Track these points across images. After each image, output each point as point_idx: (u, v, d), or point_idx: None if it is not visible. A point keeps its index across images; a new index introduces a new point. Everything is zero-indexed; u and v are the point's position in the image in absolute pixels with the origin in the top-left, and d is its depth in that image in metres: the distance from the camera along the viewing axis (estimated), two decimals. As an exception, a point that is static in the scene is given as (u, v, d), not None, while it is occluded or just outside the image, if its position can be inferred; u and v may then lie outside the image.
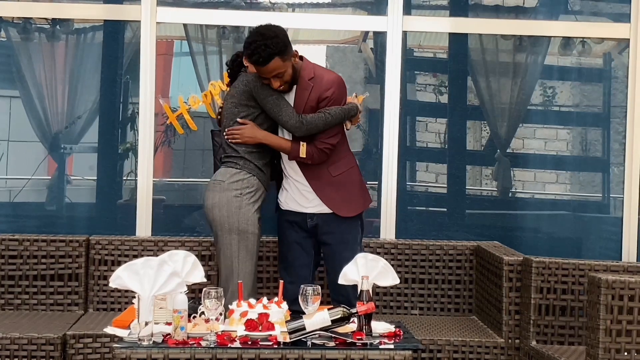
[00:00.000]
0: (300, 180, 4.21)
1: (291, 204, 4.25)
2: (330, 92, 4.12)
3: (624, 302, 3.52)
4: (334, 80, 4.17)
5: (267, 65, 3.96)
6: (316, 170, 4.18)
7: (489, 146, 5.47)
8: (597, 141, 5.54)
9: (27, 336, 4.17)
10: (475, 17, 5.39)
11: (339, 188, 4.21)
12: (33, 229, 5.05)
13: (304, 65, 4.15)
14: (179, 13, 5.14)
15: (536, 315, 4.22)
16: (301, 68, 4.14)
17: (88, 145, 5.31)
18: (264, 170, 4.17)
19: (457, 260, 4.92)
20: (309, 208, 4.22)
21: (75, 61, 5.26)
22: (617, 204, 5.33)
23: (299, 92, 4.13)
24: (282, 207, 4.29)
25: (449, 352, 4.35)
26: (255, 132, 4.13)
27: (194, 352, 3.21)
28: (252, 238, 4.08)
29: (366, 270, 3.62)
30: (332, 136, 4.16)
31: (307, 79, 4.13)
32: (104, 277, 4.71)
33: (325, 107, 4.12)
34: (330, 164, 4.20)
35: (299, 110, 4.11)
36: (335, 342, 3.32)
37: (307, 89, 4.12)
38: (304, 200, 4.22)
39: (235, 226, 4.06)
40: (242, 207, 4.08)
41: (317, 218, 4.21)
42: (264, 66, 3.96)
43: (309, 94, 4.12)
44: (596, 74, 5.55)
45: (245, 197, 4.09)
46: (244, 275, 4.00)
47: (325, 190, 4.19)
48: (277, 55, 3.97)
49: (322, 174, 4.20)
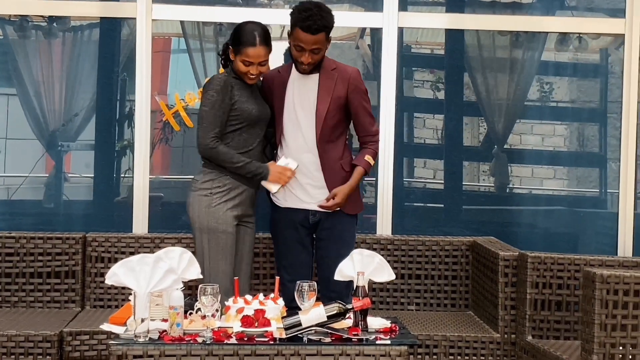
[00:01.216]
0: (306, 174, 4.14)
1: (291, 201, 4.19)
2: (361, 83, 4.17)
3: (619, 296, 3.53)
4: (357, 71, 4.21)
5: (315, 35, 3.95)
6: (332, 164, 4.14)
7: (486, 142, 5.47)
8: (593, 137, 5.55)
9: (24, 333, 4.17)
10: (471, 13, 5.39)
11: None
12: (30, 226, 5.05)
13: (325, 57, 4.15)
14: (175, 10, 5.14)
15: (532, 310, 4.23)
16: (324, 58, 4.13)
17: (85, 143, 5.32)
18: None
19: (454, 256, 4.93)
20: (312, 204, 4.17)
21: (72, 59, 5.26)
22: (614, 199, 5.34)
23: (323, 81, 4.11)
24: (280, 205, 4.23)
25: (445, 348, 4.36)
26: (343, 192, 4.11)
27: (190, 349, 3.21)
28: (224, 237, 4.05)
29: (362, 266, 3.62)
30: (375, 123, 4.28)
31: (330, 70, 4.13)
32: (100, 274, 4.72)
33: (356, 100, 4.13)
34: (342, 158, 4.19)
35: (325, 99, 4.09)
36: (331, 338, 3.33)
37: (331, 79, 4.11)
38: (306, 196, 4.17)
39: (205, 225, 4.06)
40: (212, 206, 4.06)
41: (319, 214, 4.17)
42: (313, 35, 3.95)
43: (334, 84, 4.10)
44: (593, 69, 5.55)
45: (215, 196, 4.07)
46: (216, 274, 3.95)
47: (338, 185, 4.14)
48: (325, 31, 3.99)
49: (336, 168, 4.17)
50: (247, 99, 4.09)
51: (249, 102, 4.09)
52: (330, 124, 4.11)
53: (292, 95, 4.15)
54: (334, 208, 4.12)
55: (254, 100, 4.13)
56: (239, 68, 4.04)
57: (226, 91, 4.05)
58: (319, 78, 4.12)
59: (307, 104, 4.12)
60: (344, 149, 4.21)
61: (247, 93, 4.11)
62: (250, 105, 4.09)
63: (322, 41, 3.99)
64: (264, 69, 4.08)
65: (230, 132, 4.10)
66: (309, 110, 4.12)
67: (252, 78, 4.07)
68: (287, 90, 4.15)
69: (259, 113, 4.12)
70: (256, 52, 4.01)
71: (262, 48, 4.02)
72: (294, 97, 4.14)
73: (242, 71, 4.04)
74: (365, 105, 4.20)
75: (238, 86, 4.09)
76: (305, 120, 4.12)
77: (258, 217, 4.30)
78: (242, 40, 4.03)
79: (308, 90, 4.12)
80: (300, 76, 4.13)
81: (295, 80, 4.15)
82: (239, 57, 4.04)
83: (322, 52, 4.04)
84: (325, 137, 4.12)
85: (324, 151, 4.12)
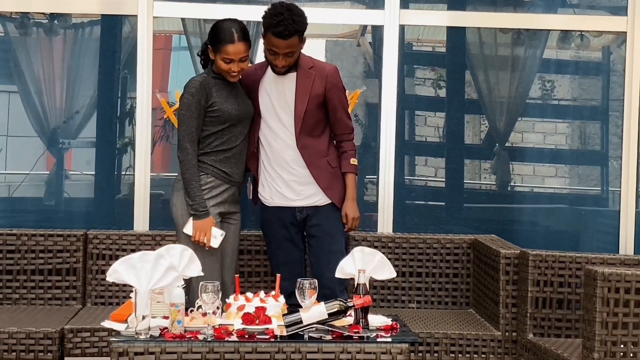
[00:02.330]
0: (290, 171, 4.14)
1: (277, 199, 4.19)
2: (339, 81, 4.18)
3: (620, 294, 3.53)
4: (335, 69, 4.21)
5: (288, 40, 3.95)
6: (318, 161, 4.15)
7: (488, 140, 5.47)
8: (595, 135, 5.54)
9: (25, 330, 4.17)
10: (473, 10, 5.38)
11: (337, 179, 4.20)
12: (31, 223, 5.05)
13: (302, 55, 4.15)
14: (176, 7, 5.13)
15: (533, 308, 4.22)
16: (300, 56, 4.13)
17: (86, 140, 5.32)
18: (221, 167, 4.11)
19: (455, 254, 4.92)
20: (297, 201, 4.17)
21: (73, 56, 5.26)
22: (615, 197, 5.33)
23: (301, 80, 4.10)
24: (267, 204, 4.23)
25: (446, 346, 4.36)
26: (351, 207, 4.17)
27: (191, 346, 3.22)
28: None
29: (363, 263, 3.62)
30: (350, 120, 4.28)
31: (307, 68, 4.12)
32: (101, 271, 4.72)
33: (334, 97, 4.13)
34: (328, 155, 4.20)
35: (303, 98, 4.08)
36: (332, 336, 3.33)
37: (309, 78, 4.10)
38: (292, 193, 4.17)
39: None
40: (206, 204, 4.06)
41: (306, 210, 4.18)
42: (286, 40, 3.95)
43: (312, 82, 4.10)
44: (594, 67, 5.55)
45: None
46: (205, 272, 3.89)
47: (326, 180, 4.16)
48: (298, 34, 3.98)
49: (323, 165, 4.17)
50: (226, 98, 4.08)
51: (229, 102, 4.08)
52: (310, 122, 4.12)
53: (270, 94, 4.14)
54: (356, 224, 4.20)
55: (234, 99, 4.12)
56: (220, 66, 4.03)
57: (202, 93, 4.04)
58: (297, 77, 4.12)
59: (285, 103, 4.12)
60: (328, 145, 4.22)
61: (227, 92, 4.10)
62: (229, 105, 4.07)
63: (295, 44, 3.99)
64: (245, 65, 4.06)
65: (213, 132, 4.09)
66: (288, 109, 4.12)
67: (234, 75, 4.05)
68: (265, 89, 4.15)
69: (239, 112, 4.10)
70: (235, 48, 3.99)
71: (241, 44, 4.00)
72: (272, 96, 4.14)
73: (224, 69, 4.03)
74: (343, 103, 4.21)
75: (217, 86, 4.08)
76: (285, 119, 4.13)
77: (257, 216, 4.30)
78: (220, 39, 4.02)
79: (286, 90, 4.12)
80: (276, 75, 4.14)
81: (272, 79, 4.14)
82: (218, 55, 4.02)
83: (296, 54, 4.04)
84: (305, 135, 4.12)
85: (304, 148, 4.12)
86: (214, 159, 4.10)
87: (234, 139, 4.12)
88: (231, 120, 4.09)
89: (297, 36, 3.98)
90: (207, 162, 4.10)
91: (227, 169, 4.12)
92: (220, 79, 4.09)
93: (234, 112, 4.08)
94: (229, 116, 4.07)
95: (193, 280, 3.76)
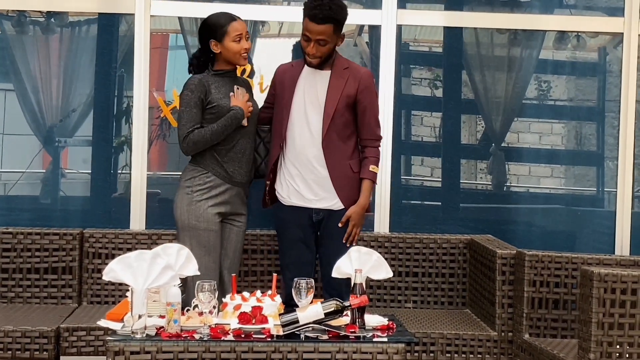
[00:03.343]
0: (311, 169, 4.13)
1: (294, 198, 4.18)
2: (373, 85, 4.20)
3: (616, 295, 3.54)
4: (370, 73, 4.25)
5: (320, 25, 3.96)
6: (340, 162, 4.14)
7: (484, 140, 5.47)
8: (591, 135, 5.55)
9: (20, 329, 4.17)
10: (470, 11, 5.39)
11: (355, 184, 4.18)
12: (27, 222, 5.04)
13: (339, 55, 4.16)
14: (173, 6, 5.13)
15: (529, 309, 4.23)
16: (337, 56, 4.14)
17: (82, 139, 5.31)
18: (221, 166, 4.11)
19: (451, 254, 4.93)
20: (315, 202, 4.15)
21: (70, 54, 5.25)
22: (611, 197, 5.34)
23: (334, 79, 4.11)
24: (284, 203, 4.21)
25: (442, 345, 4.36)
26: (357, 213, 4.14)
27: (187, 345, 3.21)
28: (205, 234, 4.05)
29: (360, 263, 3.62)
30: (379, 127, 4.25)
31: (342, 68, 4.13)
32: (97, 270, 4.71)
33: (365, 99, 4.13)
34: (351, 159, 4.19)
35: (334, 97, 4.08)
36: (328, 335, 3.33)
37: (343, 77, 4.11)
38: (310, 193, 4.15)
39: (185, 223, 4.08)
40: (192, 203, 4.07)
41: (323, 212, 4.16)
42: (318, 25, 3.96)
43: (345, 82, 4.10)
44: (591, 68, 5.55)
45: (196, 194, 4.08)
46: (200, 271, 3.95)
47: (343, 182, 4.15)
48: (333, 23, 3.99)
49: (344, 167, 4.16)
50: (225, 94, 4.09)
51: (227, 98, 4.09)
52: (339, 122, 4.11)
53: (302, 90, 4.14)
54: (357, 232, 4.16)
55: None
56: (232, 49, 4.06)
57: (201, 89, 4.06)
58: (330, 75, 4.12)
59: (316, 100, 4.12)
60: (353, 150, 4.20)
61: (226, 89, 4.11)
62: (228, 101, 4.09)
63: (328, 33, 3.99)
64: (249, 44, 4.12)
65: None
66: (318, 106, 4.11)
67: (245, 56, 4.09)
68: (300, 85, 4.15)
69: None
70: (240, 24, 4.07)
71: (241, 20, 4.09)
72: (304, 92, 4.14)
73: (236, 51, 4.06)
74: (374, 108, 4.20)
75: (216, 83, 4.10)
76: (313, 116, 4.12)
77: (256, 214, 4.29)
78: (221, 23, 4.07)
79: (318, 87, 4.12)
80: (312, 72, 4.13)
81: (306, 76, 4.14)
82: (227, 38, 4.05)
83: (328, 44, 4.02)
84: (332, 135, 4.10)
85: (329, 148, 4.11)
86: (214, 157, 4.10)
87: (233, 136, 4.12)
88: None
89: (331, 24, 3.98)
90: (207, 159, 4.10)
91: (228, 167, 4.12)
92: (220, 76, 4.10)
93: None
94: (227, 112, 4.07)
95: (189, 279, 3.75)
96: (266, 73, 5.14)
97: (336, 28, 4.01)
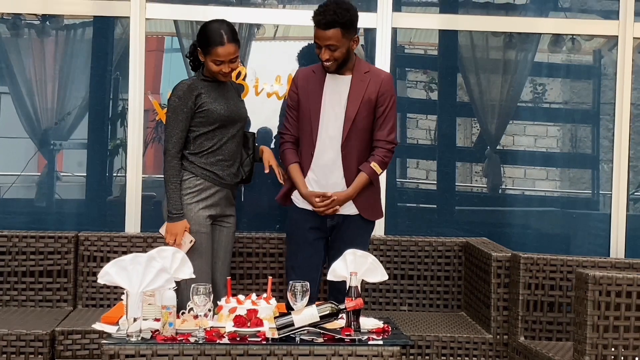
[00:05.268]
0: (328, 174, 4.09)
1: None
2: (392, 89, 4.14)
3: (611, 298, 3.54)
4: (391, 76, 4.22)
5: (327, 31, 3.95)
6: (355, 167, 4.09)
7: (479, 143, 5.48)
8: (586, 138, 5.56)
9: (15, 332, 4.16)
10: (465, 14, 5.40)
11: (371, 191, 4.16)
12: (22, 225, 5.04)
13: (359, 59, 4.15)
14: (169, 9, 5.13)
15: (524, 311, 4.23)
16: (357, 60, 4.12)
17: (77, 142, 5.31)
18: (211, 169, 4.09)
19: (446, 257, 4.93)
20: None
21: (65, 57, 5.25)
22: (606, 200, 5.35)
23: (355, 83, 4.08)
24: (298, 206, 4.17)
25: (438, 348, 4.36)
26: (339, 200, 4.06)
27: (182, 348, 3.21)
28: (196, 237, 4.04)
29: (355, 266, 3.62)
30: (394, 132, 4.15)
31: (363, 72, 4.11)
32: (92, 273, 4.71)
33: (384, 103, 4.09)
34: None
35: (355, 101, 4.05)
36: (323, 338, 3.32)
37: (364, 81, 4.08)
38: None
39: None
40: (183, 207, 4.05)
41: (337, 218, 4.13)
42: (324, 30, 3.95)
43: (366, 86, 4.08)
44: (586, 71, 5.57)
45: (186, 197, 4.06)
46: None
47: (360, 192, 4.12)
48: (339, 27, 3.96)
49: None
50: (215, 99, 4.08)
51: (218, 102, 4.08)
52: (359, 126, 4.08)
53: (325, 94, 4.11)
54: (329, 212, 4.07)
55: (224, 100, 4.11)
56: (211, 68, 4.03)
57: (189, 95, 4.04)
58: (352, 80, 4.10)
59: (337, 104, 4.10)
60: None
61: (216, 94, 4.09)
62: (218, 105, 4.07)
63: (336, 37, 3.96)
64: (235, 65, 4.06)
65: (202, 133, 4.08)
66: (339, 110, 4.09)
67: (225, 76, 4.06)
68: (324, 90, 4.11)
69: (228, 113, 4.10)
70: (225, 50, 3.99)
71: (231, 46, 4.00)
72: (327, 96, 4.11)
73: (214, 71, 4.03)
74: (391, 111, 4.14)
75: (206, 88, 4.08)
76: (335, 121, 4.09)
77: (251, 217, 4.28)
78: (210, 41, 4.01)
79: (340, 91, 4.10)
80: (334, 77, 4.11)
81: (330, 81, 4.12)
82: (209, 57, 4.02)
83: (339, 49, 3.99)
84: (352, 140, 4.08)
85: (347, 152, 4.08)
86: (204, 161, 4.09)
87: (224, 140, 4.11)
88: (220, 120, 4.08)
89: (338, 29, 3.95)
90: (197, 163, 4.09)
91: (217, 170, 4.11)
92: (210, 80, 4.09)
93: (223, 112, 4.07)
94: (218, 116, 4.07)
95: (182, 283, 3.75)
96: (262, 76, 5.15)
97: (344, 32, 3.98)
